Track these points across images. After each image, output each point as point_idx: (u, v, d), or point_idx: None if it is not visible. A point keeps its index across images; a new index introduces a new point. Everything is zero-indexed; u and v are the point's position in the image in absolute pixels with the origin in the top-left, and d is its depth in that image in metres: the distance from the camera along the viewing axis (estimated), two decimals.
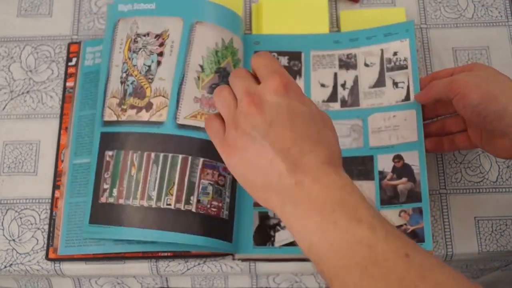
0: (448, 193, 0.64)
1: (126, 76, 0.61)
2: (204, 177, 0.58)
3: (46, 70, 0.69)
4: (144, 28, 0.62)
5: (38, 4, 0.73)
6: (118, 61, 0.62)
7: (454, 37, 0.70)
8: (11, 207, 0.64)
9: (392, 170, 0.60)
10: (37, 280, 0.65)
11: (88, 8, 0.72)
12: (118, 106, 0.60)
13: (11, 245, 0.62)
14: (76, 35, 0.71)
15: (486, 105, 0.52)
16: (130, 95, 0.60)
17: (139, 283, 0.66)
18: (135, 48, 0.62)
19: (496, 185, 0.64)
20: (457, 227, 0.62)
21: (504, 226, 0.62)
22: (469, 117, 0.55)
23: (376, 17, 0.70)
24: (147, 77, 0.61)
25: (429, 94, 0.58)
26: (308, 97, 0.47)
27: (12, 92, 0.68)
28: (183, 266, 0.61)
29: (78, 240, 0.60)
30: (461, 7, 0.72)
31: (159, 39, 0.61)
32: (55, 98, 0.68)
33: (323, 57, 0.66)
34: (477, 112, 0.53)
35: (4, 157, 0.66)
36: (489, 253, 0.61)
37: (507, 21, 0.71)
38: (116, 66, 0.62)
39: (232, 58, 0.62)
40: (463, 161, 0.65)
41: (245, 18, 0.71)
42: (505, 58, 0.69)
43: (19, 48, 0.70)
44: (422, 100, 0.60)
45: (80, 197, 0.61)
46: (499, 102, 0.52)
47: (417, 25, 0.71)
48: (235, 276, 0.65)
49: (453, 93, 0.54)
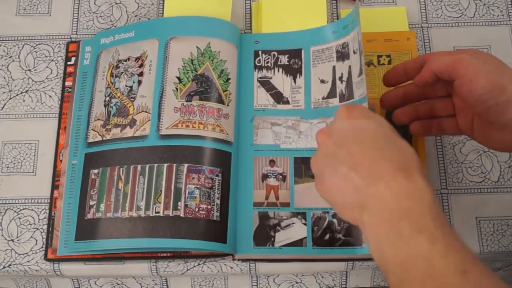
0: (449, 193, 0.64)
1: (110, 99, 0.64)
2: (190, 182, 0.59)
3: (45, 69, 0.69)
4: (125, 54, 0.66)
5: (37, 3, 0.73)
6: (101, 87, 0.66)
7: (455, 36, 0.70)
8: (10, 207, 0.63)
9: None
10: (36, 280, 0.65)
11: (87, 7, 0.72)
12: (102, 127, 0.63)
13: (10, 246, 0.62)
14: (75, 34, 0.71)
15: (494, 94, 0.49)
16: (114, 115, 0.63)
17: (139, 283, 0.65)
18: (117, 73, 0.66)
19: (498, 185, 0.64)
20: (459, 228, 0.62)
21: (505, 227, 0.62)
22: (471, 103, 0.51)
23: (377, 16, 0.70)
24: (129, 96, 0.64)
25: (427, 73, 0.53)
26: (371, 112, 0.49)
27: (11, 92, 0.68)
28: (183, 266, 0.61)
29: None
30: (462, 6, 0.72)
31: (138, 61, 0.65)
32: (54, 98, 0.68)
33: (322, 51, 0.65)
34: (483, 100, 0.50)
35: (3, 156, 0.65)
36: (491, 253, 0.61)
37: (508, 20, 0.71)
38: (100, 91, 0.66)
39: (212, 61, 0.64)
40: (464, 161, 0.65)
41: (244, 17, 0.71)
42: (507, 57, 0.68)
43: (18, 47, 0.70)
44: (419, 81, 0.55)
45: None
46: (507, 93, 0.49)
47: (418, 24, 0.71)
48: (235, 276, 0.64)
49: (457, 74, 0.51)
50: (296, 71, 0.66)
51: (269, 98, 0.65)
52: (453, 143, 0.65)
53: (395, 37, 0.66)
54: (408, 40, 0.65)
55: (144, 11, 0.72)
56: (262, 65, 0.66)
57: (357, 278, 0.66)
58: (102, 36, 0.68)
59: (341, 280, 0.66)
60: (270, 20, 0.69)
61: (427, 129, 0.59)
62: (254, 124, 0.64)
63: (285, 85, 0.65)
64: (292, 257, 0.60)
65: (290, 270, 0.62)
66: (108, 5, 0.72)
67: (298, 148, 0.62)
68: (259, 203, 0.60)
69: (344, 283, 0.66)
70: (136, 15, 0.72)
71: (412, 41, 0.66)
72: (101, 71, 0.66)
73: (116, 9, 0.72)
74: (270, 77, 0.66)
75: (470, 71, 0.50)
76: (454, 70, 0.51)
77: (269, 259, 0.61)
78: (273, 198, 0.61)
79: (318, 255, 0.58)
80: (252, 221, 0.60)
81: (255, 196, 0.61)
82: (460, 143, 0.65)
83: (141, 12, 0.72)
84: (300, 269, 0.62)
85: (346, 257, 0.59)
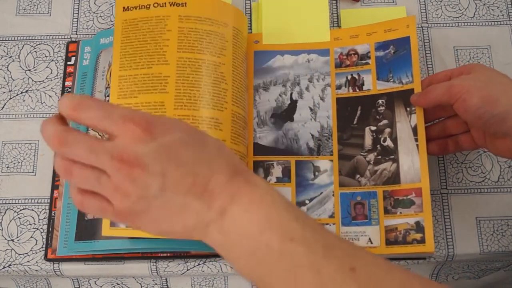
0: (450, 193, 0.64)
1: (108, 100, 0.63)
2: None
3: (45, 69, 0.69)
4: None
5: (37, 3, 0.72)
6: (101, 87, 0.65)
7: (455, 36, 0.70)
8: (10, 207, 0.63)
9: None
10: (36, 280, 0.64)
11: (87, 7, 0.72)
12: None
13: (10, 246, 0.62)
14: (75, 34, 0.71)
15: (487, 108, 0.52)
16: None
17: (139, 283, 0.65)
18: None
19: (498, 185, 0.64)
20: (459, 228, 0.62)
21: (505, 227, 0.62)
22: (471, 121, 0.55)
23: (377, 16, 0.69)
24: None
25: (428, 100, 0.57)
26: (172, 118, 0.42)
27: (11, 92, 0.68)
28: (183, 266, 0.61)
29: None
30: (462, 6, 0.72)
31: None
32: (54, 98, 0.68)
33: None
34: (478, 115, 0.52)
35: (3, 156, 0.65)
36: (491, 253, 0.61)
37: (508, 20, 0.71)
38: (99, 92, 0.65)
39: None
40: (464, 161, 0.65)
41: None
42: (507, 57, 0.69)
43: (18, 47, 0.70)
44: (421, 104, 0.59)
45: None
46: (500, 104, 0.51)
47: (418, 24, 0.71)
48: (235, 276, 0.64)
49: (453, 98, 0.54)
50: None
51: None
52: None
53: (394, 26, 0.65)
54: (408, 27, 0.64)
55: None
56: None
57: None
58: (101, 36, 0.68)
59: None
60: (270, 21, 0.69)
61: (443, 148, 0.61)
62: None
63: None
64: None
65: None
66: (108, 5, 0.72)
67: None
68: None
69: None
70: None
71: (412, 27, 0.64)
72: (100, 71, 0.66)
73: None
74: None
75: (463, 93, 0.53)
76: (449, 96, 0.54)
77: None
78: None
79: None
80: None
81: None
82: None
83: None
84: None
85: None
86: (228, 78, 0.61)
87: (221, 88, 0.60)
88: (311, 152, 0.63)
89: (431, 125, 0.62)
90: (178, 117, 0.57)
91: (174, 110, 0.57)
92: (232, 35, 0.63)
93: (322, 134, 0.64)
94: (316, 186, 0.62)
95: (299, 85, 0.66)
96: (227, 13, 0.63)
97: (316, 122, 0.64)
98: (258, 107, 0.65)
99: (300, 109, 0.65)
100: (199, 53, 0.60)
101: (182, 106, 0.58)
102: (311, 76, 0.66)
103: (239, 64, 0.63)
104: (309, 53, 0.68)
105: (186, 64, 0.60)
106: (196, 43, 0.60)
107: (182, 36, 0.60)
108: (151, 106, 0.58)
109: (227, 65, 0.61)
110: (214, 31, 0.62)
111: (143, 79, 0.59)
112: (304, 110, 0.65)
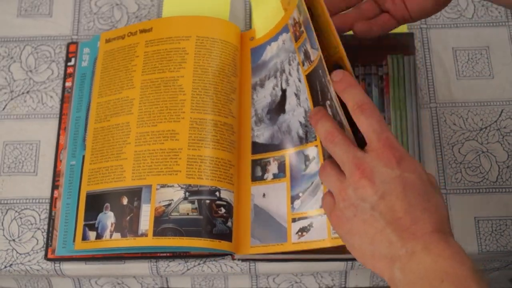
0: (448, 193, 0.64)
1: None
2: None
3: (46, 70, 0.69)
4: None
5: (38, 4, 0.73)
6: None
7: (454, 37, 0.70)
8: (11, 207, 0.64)
9: None
10: (37, 280, 0.65)
11: (88, 8, 0.73)
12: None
13: (11, 245, 0.62)
14: (76, 35, 0.71)
15: None
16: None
17: (139, 283, 0.66)
18: None
19: (496, 185, 0.64)
20: (457, 227, 0.62)
21: (504, 226, 0.62)
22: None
23: None
24: None
25: (371, 24, 0.55)
26: (416, 161, 0.46)
27: (12, 92, 0.68)
28: (183, 266, 0.61)
29: None
30: (461, 7, 0.72)
31: None
32: (55, 98, 0.68)
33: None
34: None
35: (4, 157, 0.66)
36: (489, 253, 0.61)
37: (507, 21, 0.71)
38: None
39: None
40: (463, 161, 0.65)
41: (244, 17, 0.71)
42: (505, 58, 0.69)
43: (19, 48, 0.71)
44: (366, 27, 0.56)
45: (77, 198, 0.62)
46: None
47: (417, 25, 0.71)
48: (235, 276, 0.65)
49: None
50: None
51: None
52: (451, 144, 0.65)
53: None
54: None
55: (144, 12, 0.72)
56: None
57: (357, 278, 0.66)
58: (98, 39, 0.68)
59: (340, 280, 0.66)
60: (259, 12, 0.68)
61: (368, 28, 0.57)
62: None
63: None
64: (292, 257, 0.60)
65: (289, 269, 0.62)
66: (109, 6, 0.73)
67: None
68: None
69: (343, 283, 0.66)
70: (136, 16, 0.72)
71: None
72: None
73: (117, 10, 0.73)
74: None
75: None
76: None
77: (269, 259, 0.61)
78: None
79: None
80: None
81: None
82: (458, 143, 0.65)
83: (141, 13, 0.72)
84: (300, 268, 0.62)
85: (345, 256, 0.60)
86: (187, 88, 0.61)
87: (179, 100, 0.61)
88: (301, 140, 0.59)
89: (347, 13, 0.57)
90: (139, 134, 0.61)
91: (137, 128, 0.61)
92: (194, 46, 0.63)
93: (306, 119, 0.59)
94: (307, 176, 0.58)
95: (284, 72, 0.62)
96: (191, 25, 0.64)
97: (301, 107, 0.59)
98: (256, 105, 0.63)
99: (289, 98, 0.61)
100: (160, 73, 0.62)
101: (143, 124, 0.61)
102: (289, 58, 0.61)
103: (203, 71, 0.62)
104: (281, 33, 0.63)
105: (148, 85, 0.62)
106: (157, 64, 0.63)
107: (146, 60, 0.63)
108: (119, 127, 0.62)
109: (187, 76, 0.62)
110: (175, 48, 0.63)
111: (114, 103, 0.63)
112: (292, 97, 0.60)
